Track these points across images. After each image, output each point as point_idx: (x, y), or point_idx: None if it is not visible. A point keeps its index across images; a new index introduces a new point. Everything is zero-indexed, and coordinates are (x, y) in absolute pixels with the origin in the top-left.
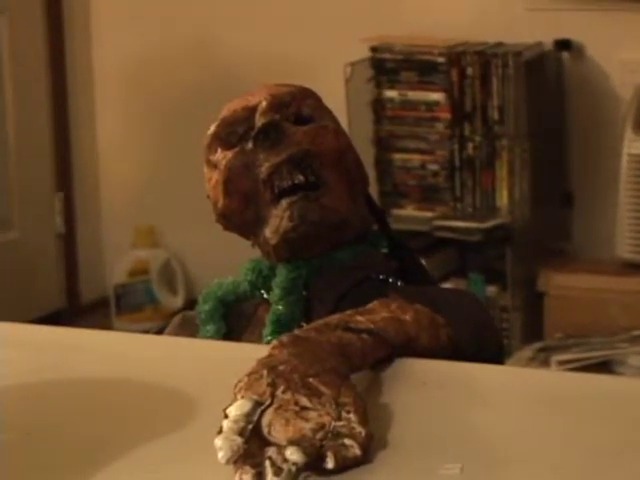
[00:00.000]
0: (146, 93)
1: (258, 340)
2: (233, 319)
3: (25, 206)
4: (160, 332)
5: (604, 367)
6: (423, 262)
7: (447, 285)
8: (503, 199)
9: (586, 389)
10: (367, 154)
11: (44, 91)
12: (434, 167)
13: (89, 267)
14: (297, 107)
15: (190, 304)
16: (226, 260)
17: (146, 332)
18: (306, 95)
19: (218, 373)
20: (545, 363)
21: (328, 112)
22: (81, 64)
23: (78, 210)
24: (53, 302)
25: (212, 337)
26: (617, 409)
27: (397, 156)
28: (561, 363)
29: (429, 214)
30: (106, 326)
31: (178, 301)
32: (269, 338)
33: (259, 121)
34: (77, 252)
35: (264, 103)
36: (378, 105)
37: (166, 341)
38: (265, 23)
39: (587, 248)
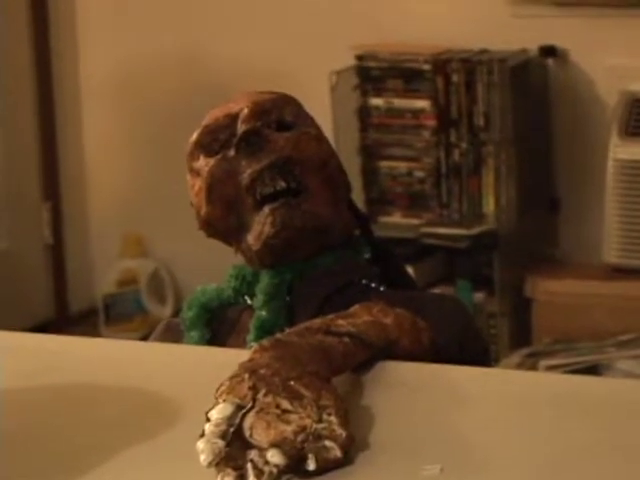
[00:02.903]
0: (133, 103)
1: (242, 346)
2: (217, 325)
3: (13, 216)
4: (145, 339)
5: (592, 372)
6: (410, 269)
7: (435, 291)
8: (490, 205)
9: (568, 390)
10: (353, 162)
11: (31, 101)
12: (420, 174)
13: (77, 277)
14: (279, 114)
15: (179, 313)
16: (215, 269)
17: None
18: (287, 102)
19: (201, 378)
20: (533, 368)
21: (310, 119)
22: (68, 73)
23: (66, 220)
24: (41, 312)
25: (196, 343)
26: (599, 410)
27: (383, 164)
28: (549, 368)
29: (416, 221)
30: (95, 336)
31: (167, 311)
32: (253, 344)
33: (241, 128)
34: (65, 262)
35: (246, 110)
36: (364, 113)
37: (150, 347)
38: (251, 32)
39: (574, 253)
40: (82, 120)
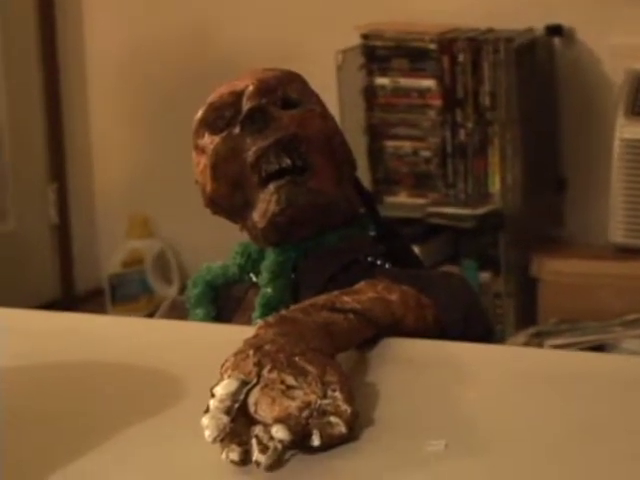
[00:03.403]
0: (139, 83)
1: (247, 323)
2: (222, 303)
3: (19, 197)
4: (150, 317)
5: (598, 351)
6: (416, 249)
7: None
8: (495, 185)
9: (573, 367)
10: (359, 142)
11: (36, 82)
12: (426, 154)
13: (83, 258)
14: (284, 91)
15: (184, 292)
16: (220, 250)
17: None
18: (293, 79)
19: (206, 354)
20: (539, 348)
21: (315, 96)
22: (74, 54)
23: (72, 201)
24: (48, 293)
25: (201, 320)
26: (605, 387)
27: (389, 143)
28: (555, 348)
29: (422, 201)
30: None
31: (173, 291)
32: (258, 321)
33: (246, 106)
34: (71, 243)
35: (251, 88)
36: (370, 92)
37: (155, 324)
38: (257, 11)
39: (580, 233)
40: (88, 100)
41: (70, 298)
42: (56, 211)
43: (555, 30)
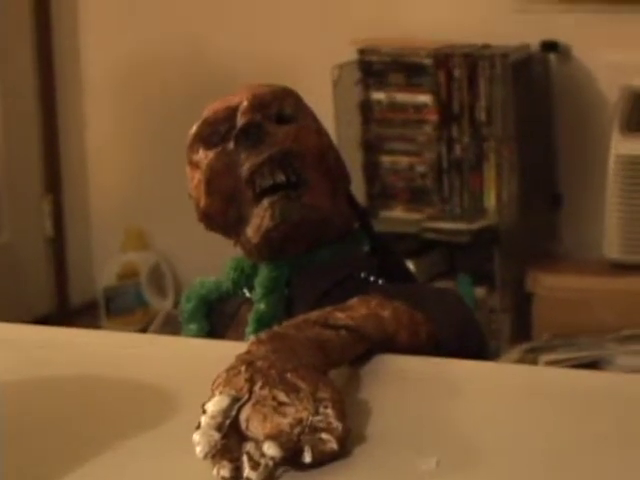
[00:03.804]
0: (135, 96)
1: (241, 338)
2: (216, 318)
3: (14, 209)
4: (145, 331)
5: (593, 367)
6: (411, 264)
7: (434, 285)
8: (491, 200)
9: (567, 384)
10: (355, 156)
11: (32, 94)
12: (422, 169)
13: (78, 270)
14: (278, 107)
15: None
16: (215, 263)
17: None
18: (287, 95)
19: (199, 370)
20: (533, 364)
21: (309, 111)
22: (70, 66)
23: (67, 213)
24: (42, 305)
25: (195, 336)
26: (599, 404)
27: (385, 158)
28: (549, 363)
29: (417, 216)
30: (95, 329)
31: (168, 304)
32: (251, 336)
33: (240, 121)
34: (66, 255)
35: (245, 103)
36: (366, 107)
37: (148, 339)
38: (253, 26)
39: (575, 249)
40: (84, 113)
41: (65, 311)
42: (51, 223)
43: (551, 46)
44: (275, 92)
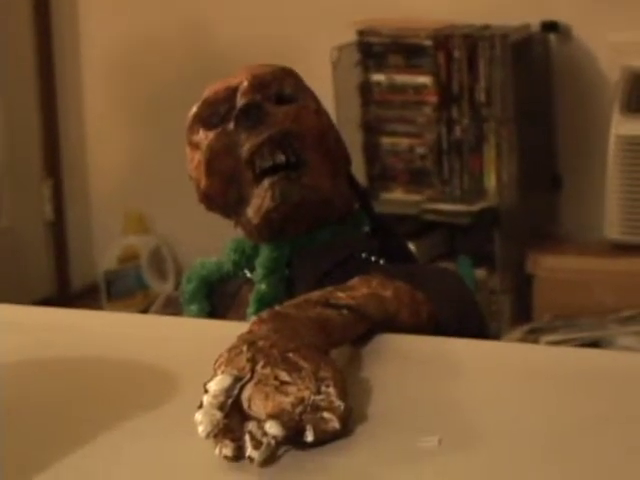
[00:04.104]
0: (134, 80)
1: (242, 319)
2: (217, 299)
3: (14, 194)
4: (144, 313)
5: (593, 348)
6: (411, 245)
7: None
8: (491, 182)
9: (568, 363)
10: (355, 138)
11: (31, 78)
12: (422, 150)
13: (79, 254)
14: (278, 87)
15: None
16: (216, 246)
17: None
18: (287, 75)
19: (201, 350)
20: (534, 344)
21: (309, 92)
22: (68, 49)
23: (67, 197)
24: (43, 289)
25: (196, 316)
26: (600, 383)
27: (385, 140)
28: (550, 344)
29: (417, 197)
30: None
31: (168, 287)
32: (252, 317)
33: (240, 101)
34: (67, 239)
35: (245, 83)
36: (365, 89)
37: (150, 319)
38: (253, 8)
39: (575, 230)
40: (83, 97)
41: (65, 294)
42: (51, 208)
43: (551, 26)
44: (275, 72)
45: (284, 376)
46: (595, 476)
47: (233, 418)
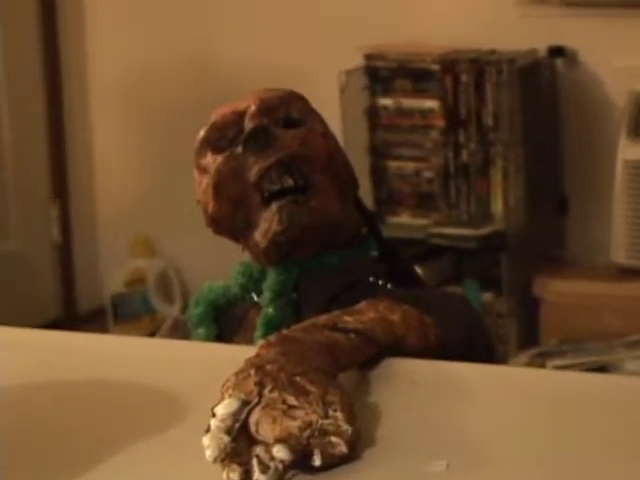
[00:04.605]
0: (142, 103)
1: (249, 343)
2: (224, 322)
3: (22, 216)
4: (151, 336)
5: (600, 372)
6: (418, 269)
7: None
8: (498, 206)
9: (575, 388)
10: (362, 162)
11: (40, 101)
12: (429, 174)
13: (86, 277)
14: (286, 111)
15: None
16: (223, 269)
17: None
18: (295, 99)
19: (208, 374)
20: (541, 369)
21: (317, 116)
22: (77, 73)
23: (74, 220)
24: (50, 312)
25: (204, 340)
26: (605, 407)
27: (392, 164)
28: (557, 369)
29: (424, 221)
30: None
31: (175, 310)
32: (260, 341)
33: (248, 125)
34: (74, 262)
35: (253, 107)
36: (373, 113)
37: (157, 343)
38: (260, 33)
39: (582, 254)
40: (91, 119)
41: (72, 317)
42: (58, 230)
43: (558, 51)
44: (283, 96)
45: (292, 400)
46: None
47: (240, 442)
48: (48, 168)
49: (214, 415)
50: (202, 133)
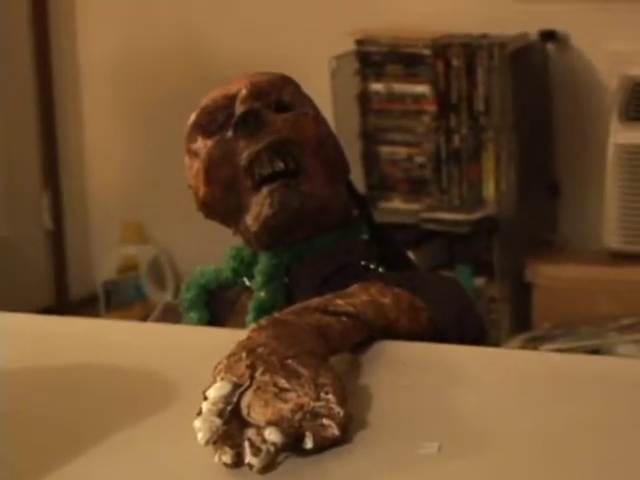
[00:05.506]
0: (132, 89)
1: (241, 327)
2: (216, 306)
3: (13, 203)
4: (143, 321)
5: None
6: (410, 254)
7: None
8: (490, 190)
9: (567, 369)
10: (354, 147)
11: (30, 88)
12: (421, 159)
13: (77, 264)
14: (277, 95)
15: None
16: (215, 255)
17: None
18: (286, 82)
19: (200, 357)
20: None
21: (308, 99)
22: (67, 61)
23: (66, 207)
24: (42, 299)
25: (195, 324)
26: (599, 389)
27: (384, 149)
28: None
29: (416, 206)
30: None
31: (167, 296)
32: (252, 325)
33: (239, 109)
34: (65, 249)
35: (244, 91)
36: (364, 98)
37: (149, 327)
38: (250, 18)
39: (574, 238)
40: (81, 107)
41: (64, 304)
42: (50, 217)
43: (549, 36)
44: (273, 80)
45: (283, 383)
46: None
47: (232, 425)
48: (39, 155)
49: (206, 398)
50: (192, 117)
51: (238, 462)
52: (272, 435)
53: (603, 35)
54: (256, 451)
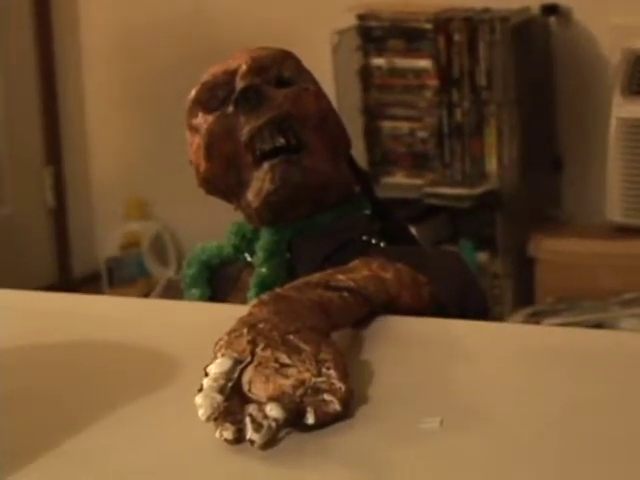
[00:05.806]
0: (134, 65)
1: (243, 303)
2: (217, 283)
3: (15, 181)
4: (145, 297)
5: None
6: (413, 229)
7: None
8: (492, 165)
9: (570, 343)
10: (355, 123)
11: (32, 64)
12: (423, 134)
13: (80, 241)
14: (278, 70)
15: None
16: (217, 231)
17: None
18: (286, 58)
19: (201, 333)
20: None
21: (309, 75)
22: (68, 35)
23: (68, 184)
24: (45, 277)
25: (197, 300)
26: (601, 363)
27: (386, 124)
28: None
29: (419, 181)
30: None
31: (170, 273)
32: (253, 301)
33: (239, 84)
34: (68, 226)
35: (244, 66)
36: (366, 73)
37: (151, 303)
38: None
39: (577, 213)
40: (83, 83)
41: (67, 281)
42: (52, 195)
43: (551, 9)
44: (274, 55)
45: (284, 358)
46: (596, 456)
47: (233, 401)
48: (41, 133)
49: (207, 374)
50: (193, 93)
51: (239, 438)
52: (273, 411)
53: (605, 9)
54: (257, 427)
